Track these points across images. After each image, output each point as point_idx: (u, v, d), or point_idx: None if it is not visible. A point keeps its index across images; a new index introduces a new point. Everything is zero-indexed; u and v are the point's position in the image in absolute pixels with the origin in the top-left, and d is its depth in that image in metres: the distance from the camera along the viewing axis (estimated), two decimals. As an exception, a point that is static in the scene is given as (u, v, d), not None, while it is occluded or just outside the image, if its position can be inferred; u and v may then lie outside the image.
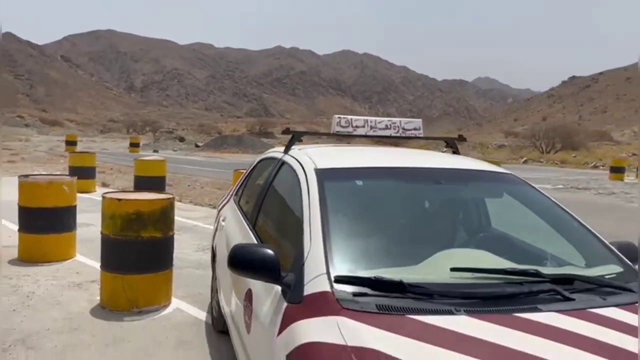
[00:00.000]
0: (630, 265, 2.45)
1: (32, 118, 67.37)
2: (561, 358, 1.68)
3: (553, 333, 1.81)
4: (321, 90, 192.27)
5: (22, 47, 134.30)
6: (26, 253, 5.96)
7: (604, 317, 1.95)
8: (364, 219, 2.61)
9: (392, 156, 3.32)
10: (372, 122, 3.48)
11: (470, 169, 3.06)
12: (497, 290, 2.06)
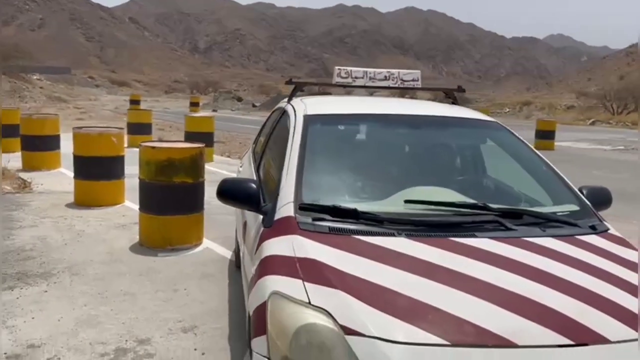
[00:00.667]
0: (587, 204, 2.61)
1: (102, 79, 70.41)
2: (481, 274, 1.91)
3: (481, 254, 2.04)
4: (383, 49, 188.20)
5: (93, 9, 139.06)
6: (80, 197, 6.61)
7: (536, 244, 2.15)
8: (340, 158, 2.87)
9: (381, 105, 3.52)
10: (371, 73, 3.67)
11: (454, 116, 3.22)
12: (443, 219, 2.30)
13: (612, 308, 1.81)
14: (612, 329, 1.72)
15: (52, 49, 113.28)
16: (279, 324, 1.76)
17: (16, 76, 34.45)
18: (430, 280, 1.86)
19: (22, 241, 5.09)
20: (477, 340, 1.62)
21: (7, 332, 3.33)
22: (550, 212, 2.51)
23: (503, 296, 1.80)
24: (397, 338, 1.61)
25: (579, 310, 1.77)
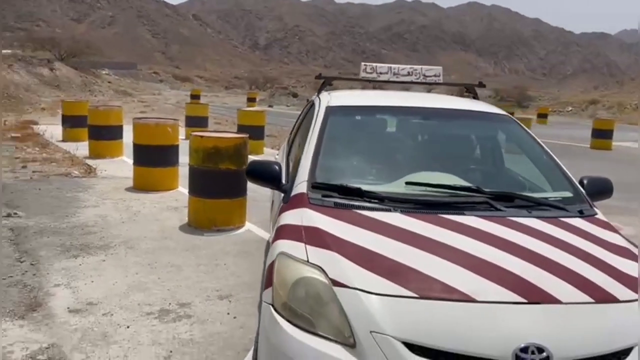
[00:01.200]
0: (580, 191, 2.83)
1: (166, 74, 73.06)
2: (458, 244, 2.19)
3: (462, 228, 2.32)
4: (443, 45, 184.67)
5: (159, 6, 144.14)
6: (139, 182, 7.22)
7: (517, 222, 2.41)
8: (354, 144, 3.20)
9: (398, 98, 3.79)
10: (395, 69, 3.96)
11: (465, 109, 3.47)
12: (437, 199, 2.58)
13: (570, 275, 2.06)
14: (565, 292, 1.97)
15: (121, 46, 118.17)
16: (282, 277, 2.12)
17: (87, 71, 36.49)
18: (412, 247, 2.16)
19: (86, 218, 5.70)
20: (442, 295, 1.92)
21: (70, 292, 3.86)
22: (543, 197, 2.74)
23: (473, 262, 2.08)
24: (374, 290, 1.93)
25: (538, 275, 2.03)
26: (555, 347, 1.78)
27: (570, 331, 1.87)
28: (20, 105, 21.95)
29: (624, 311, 1.97)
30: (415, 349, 1.79)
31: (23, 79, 28.56)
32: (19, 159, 9.11)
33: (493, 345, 1.78)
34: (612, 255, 2.26)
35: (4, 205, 6.05)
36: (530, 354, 1.76)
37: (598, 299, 1.97)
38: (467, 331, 1.82)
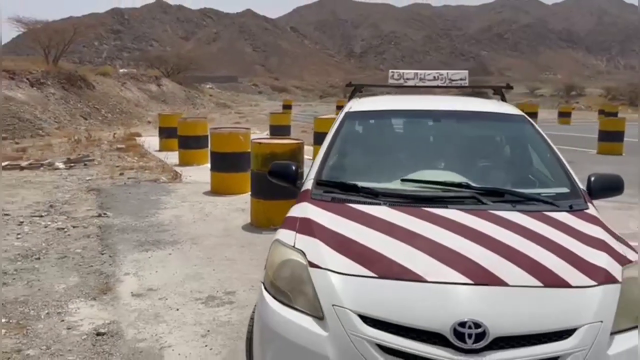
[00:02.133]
0: (578, 188, 2.91)
1: (264, 86, 76.09)
2: (428, 233, 2.41)
3: (439, 220, 2.52)
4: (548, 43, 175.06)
5: (259, 21, 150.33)
6: (214, 187, 7.88)
7: (496, 215, 2.56)
8: (364, 146, 3.46)
9: (417, 102, 3.98)
10: (421, 74, 4.16)
11: (481, 110, 3.60)
12: (427, 194, 2.79)
13: (526, 262, 2.20)
14: (515, 276, 2.13)
15: (224, 60, 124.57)
16: (271, 260, 2.46)
17: (190, 86, 39.13)
18: (386, 235, 2.41)
19: (163, 218, 6.39)
20: (398, 275, 2.15)
21: (137, 280, 4.45)
22: (537, 193, 2.85)
23: (435, 249, 2.29)
24: (341, 270, 2.21)
25: (494, 261, 2.20)
26: (492, 323, 1.96)
27: (511, 310, 2.03)
28: (130, 119, 24.14)
29: (573, 295, 2.09)
30: (368, 320, 2.05)
31: (134, 95, 31.24)
32: (119, 167, 10.21)
33: (435, 319, 1.99)
34: (582, 245, 2.36)
35: (97, 207, 6.93)
36: (467, 329, 1.95)
37: (547, 284, 2.11)
38: (414, 306, 2.05)
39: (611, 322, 2.05)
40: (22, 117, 17.41)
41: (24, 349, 3.25)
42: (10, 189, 8.16)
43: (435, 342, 1.96)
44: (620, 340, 2.06)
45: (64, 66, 24.40)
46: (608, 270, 2.21)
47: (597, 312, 2.05)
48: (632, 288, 2.19)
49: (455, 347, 1.94)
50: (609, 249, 2.37)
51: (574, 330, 2.00)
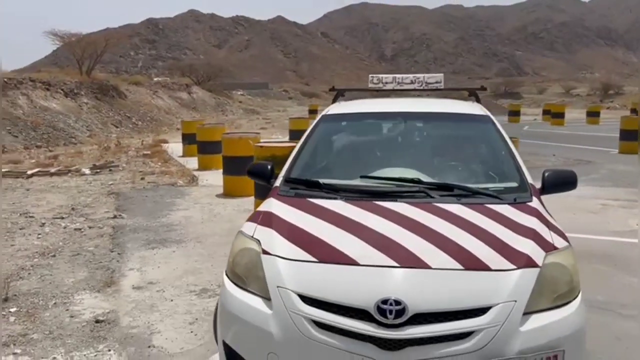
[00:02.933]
0: (526, 183, 3.10)
1: (294, 91, 76.68)
2: (372, 223, 2.64)
3: (386, 212, 2.75)
4: (585, 41, 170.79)
5: (289, 28, 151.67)
6: (226, 189, 8.23)
7: (439, 207, 2.78)
8: (333, 147, 3.70)
9: (393, 105, 4.21)
10: (399, 78, 4.38)
11: (446, 112, 3.81)
12: (382, 189, 3.02)
13: (452, 248, 2.42)
14: (439, 261, 2.34)
15: (256, 67, 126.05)
16: (232, 248, 2.74)
17: (220, 93, 40.00)
18: (333, 225, 2.65)
19: (173, 219, 6.75)
20: (335, 260, 2.40)
21: (139, 274, 4.79)
22: (485, 187, 3.04)
23: (374, 237, 2.52)
24: (287, 256, 2.47)
25: (424, 248, 2.42)
26: (412, 301, 2.18)
27: (430, 290, 2.24)
28: (160, 126, 24.92)
29: (490, 277, 2.29)
30: (306, 299, 2.30)
31: (165, 102, 32.15)
32: (141, 172, 10.70)
33: (362, 297, 2.22)
34: (512, 233, 2.55)
35: (115, 209, 7.36)
36: (389, 305, 2.17)
37: (467, 267, 2.32)
38: (345, 287, 2.29)
39: (525, 302, 2.24)
40: (56, 126, 18.25)
41: (29, 334, 3.61)
42: (38, 193, 8.70)
43: (361, 318, 2.19)
44: (536, 319, 2.25)
45: (97, 76, 25.38)
46: (530, 255, 2.40)
47: (512, 292, 2.24)
48: (552, 272, 2.38)
49: (378, 322, 2.16)
50: (537, 237, 2.55)
51: (488, 309, 2.19)
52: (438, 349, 2.14)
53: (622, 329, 3.61)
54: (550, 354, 2.20)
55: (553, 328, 2.25)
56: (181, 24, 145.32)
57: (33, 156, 13.84)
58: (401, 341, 2.14)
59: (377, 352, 2.14)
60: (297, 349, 2.26)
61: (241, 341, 2.47)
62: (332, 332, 2.21)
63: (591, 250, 5.31)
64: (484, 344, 2.14)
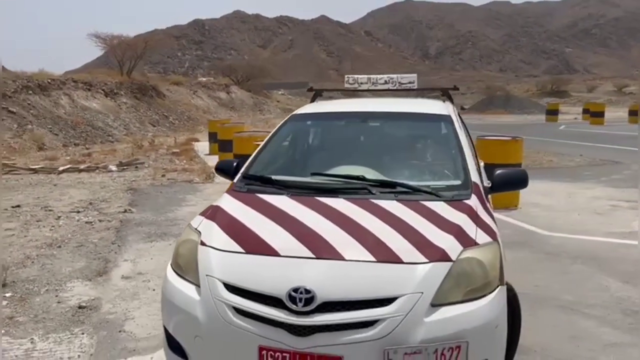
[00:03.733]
0: (469, 181, 3.16)
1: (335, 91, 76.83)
2: (305, 218, 2.77)
3: (322, 207, 2.88)
4: None
5: (333, 27, 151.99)
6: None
7: (374, 203, 2.89)
8: (297, 145, 3.85)
9: (363, 105, 4.31)
10: (373, 79, 4.48)
11: (409, 111, 3.88)
12: (330, 186, 3.14)
13: (371, 242, 2.53)
14: (353, 252, 2.46)
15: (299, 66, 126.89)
16: (178, 240, 2.93)
17: (259, 92, 40.60)
18: (268, 219, 2.81)
19: (180, 214, 7.04)
20: (259, 251, 2.55)
21: (132, 265, 5.07)
22: (427, 185, 3.12)
23: (301, 230, 2.65)
24: (219, 247, 2.64)
25: (343, 241, 2.54)
26: (321, 290, 2.30)
27: (340, 280, 2.36)
28: (196, 125, 25.58)
29: (400, 270, 2.39)
30: (229, 287, 2.46)
31: (204, 102, 32.95)
32: (164, 170, 11.11)
33: (275, 286, 2.37)
34: (435, 229, 2.64)
35: (127, 204, 7.72)
36: (299, 294, 2.31)
37: (380, 259, 2.43)
38: (263, 276, 2.44)
39: (432, 294, 2.33)
40: (95, 125, 19.06)
41: (16, 317, 3.91)
42: (64, 188, 9.20)
43: (275, 305, 2.34)
44: (444, 311, 2.33)
45: (136, 77, 26.29)
46: (445, 250, 2.48)
47: (419, 285, 2.33)
48: (465, 267, 2.46)
49: (289, 309, 2.30)
50: (460, 232, 2.62)
51: (394, 299, 2.29)
52: (344, 336, 2.25)
53: (579, 328, 3.61)
54: (453, 345, 2.28)
55: (458, 320, 2.32)
56: (227, 25, 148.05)
57: (70, 153, 14.54)
58: (310, 327, 2.27)
59: (288, 337, 2.28)
60: (218, 333, 2.42)
61: (176, 326, 2.66)
62: (249, 318, 2.36)
63: (580, 251, 5.26)
64: (387, 332, 2.24)
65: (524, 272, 4.68)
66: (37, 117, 16.96)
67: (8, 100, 16.64)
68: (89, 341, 3.55)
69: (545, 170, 10.71)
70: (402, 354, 2.23)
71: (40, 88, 18.52)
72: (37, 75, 19.09)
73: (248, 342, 2.35)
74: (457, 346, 2.29)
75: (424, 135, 3.90)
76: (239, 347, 2.37)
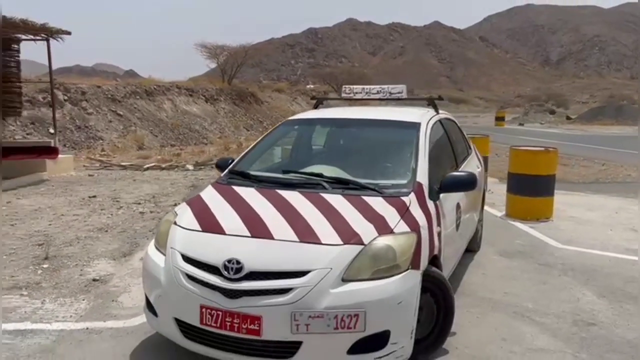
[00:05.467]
0: (413, 181, 3.52)
1: (441, 97, 75.44)
2: (258, 206, 3.31)
3: (275, 197, 3.41)
4: None
5: (445, 32, 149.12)
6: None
7: (320, 196, 3.38)
8: (282, 148, 4.35)
9: (350, 112, 4.76)
10: (367, 89, 4.87)
11: (384, 119, 4.31)
12: (292, 181, 3.64)
13: (301, 226, 3.02)
14: (283, 234, 2.97)
15: (409, 73, 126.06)
16: (161, 220, 3.55)
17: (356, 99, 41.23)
18: (230, 205, 3.38)
19: (220, 209, 7.72)
20: (212, 230, 3.13)
21: (154, 249, 5.78)
22: (375, 183, 3.52)
23: (250, 215, 3.20)
24: (184, 226, 3.24)
25: (278, 224, 3.05)
26: (249, 262, 2.85)
27: (266, 255, 2.89)
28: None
29: (318, 249, 2.88)
30: (185, 258, 3.06)
31: (302, 108, 34.15)
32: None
33: (216, 257, 2.93)
34: (361, 218, 3.09)
35: (182, 198, 8.58)
36: (231, 264, 2.85)
37: (302, 240, 2.94)
38: (209, 249, 3.02)
39: (340, 270, 2.79)
40: (192, 128, 20.75)
41: (42, 282, 4.74)
42: (140, 183, 10.36)
43: (214, 273, 2.91)
44: (352, 285, 2.79)
45: (237, 84, 28.10)
46: (360, 235, 2.93)
47: (330, 262, 2.81)
48: (375, 250, 2.89)
49: (223, 276, 2.86)
50: (381, 222, 3.05)
51: (307, 272, 2.78)
52: (263, 300, 2.77)
53: (517, 332, 3.67)
54: (352, 313, 2.72)
55: (360, 293, 2.76)
56: (339, 33, 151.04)
57: (162, 153, 16.07)
58: (238, 291, 2.81)
59: (221, 298, 2.85)
60: (174, 293, 3.05)
61: (148, 288, 3.31)
62: (196, 282, 2.95)
63: (579, 265, 5.17)
64: (298, 299, 2.73)
65: (504, 280, 4.73)
66: (141, 120, 18.88)
67: (118, 104, 18.72)
68: (85, 306, 4.25)
69: (611, 185, 10.12)
70: (307, 317, 2.70)
71: (146, 93, 20.57)
72: (146, 82, 21.20)
73: (194, 301, 2.92)
74: (355, 314, 2.72)
75: (391, 140, 4.26)
76: (187, 305, 2.95)
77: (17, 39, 11.06)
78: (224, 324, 2.79)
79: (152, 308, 3.22)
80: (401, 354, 2.89)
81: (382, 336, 2.80)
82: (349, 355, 2.76)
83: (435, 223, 3.36)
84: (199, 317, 2.87)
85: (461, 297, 4.25)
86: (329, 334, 2.71)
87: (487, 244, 5.87)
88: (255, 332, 2.74)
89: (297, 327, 2.70)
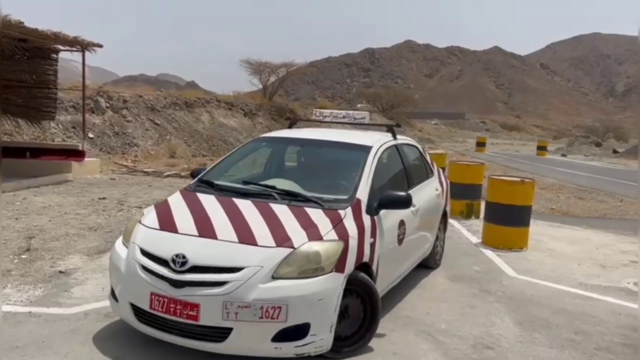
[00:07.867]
0: (353, 197, 3.92)
1: (493, 123, 74.22)
2: (212, 211, 3.76)
3: (228, 204, 3.84)
4: None
5: (505, 58, 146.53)
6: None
7: (267, 205, 3.80)
8: (248, 160, 4.79)
9: (314, 133, 5.22)
10: (335, 113, 5.28)
11: (342, 141, 4.70)
12: (248, 191, 4.08)
13: (243, 229, 3.47)
14: (225, 235, 3.42)
15: (464, 97, 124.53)
16: (130, 219, 4.02)
17: (401, 120, 41.26)
18: (188, 209, 3.85)
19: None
20: (168, 229, 3.61)
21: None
22: (318, 196, 3.92)
23: (201, 217, 3.67)
24: (146, 224, 3.72)
25: (223, 227, 3.51)
26: (193, 257, 3.32)
27: (208, 252, 3.35)
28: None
29: (253, 250, 3.35)
30: (142, 252, 3.53)
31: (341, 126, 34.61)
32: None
33: (166, 251, 3.41)
34: (297, 226, 3.52)
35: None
36: (178, 258, 3.32)
37: (241, 241, 3.38)
38: (162, 245, 3.50)
39: (270, 268, 3.23)
40: (226, 140, 21.50)
41: (12, 270, 5.26)
42: (153, 189, 10.98)
43: (164, 265, 3.38)
44: (280, 282, 3.24)
45: (277, 100, 28.87)
46: (292, 240, 3.36)
47: (262, 261, 3.26)
48: (302, 254, 3.32)
49: (171, 268, 3.34)
50: (313, 230, 3.47)
51: (241, 269, 3.23)
52: (202, 290, 3.25)
53: (410, 348, 3.83)
54: (276, 305, 3.17)
55: (285, 289, 3.21)
56: (396, 54, 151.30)
57: (190, 162, 16.80)
58: (182, 282, 3.30)
59: (168, 287, 3.33)
60: (130, 282, 3.54)
61: (111, 277, 3.83)
62: (148, 272, 3.43)
63: (520, 294, 5.24)
64: (230, 291, 3.19)
65: (435, 301, 4.87)
66: (177, 130, 19.78)
67: (156, 113, 19.70)
68: (39, 293, 4.72)
69: (615, 221, 9.90)
70: (237, 306, 3.17)
71: (186, 105, 21.52)
72: (187, 94, 22.17)
73: (146, 288, 3.41)
74: (279, 306, 3.17)
75: (343, 159, 4.64)
76: (141, 292, 3.44)
77: (56, 49, 12.03)
78: (169, 309, 3.27)
79: (114, 295, 3.71)
80: (320, 345, 3.32)
81: (302, 328, 3.24)
82: (273, 342, 3.22)
83: (368, 234, 3.76)
84: (149, 302, 3.35)
85: (384, 312, 4.42)
86: (256, 322, 3.17)
87: (445, 268, 5.99)
88: (194, 317, 3.22)
89: (227, 315, 3.17)
